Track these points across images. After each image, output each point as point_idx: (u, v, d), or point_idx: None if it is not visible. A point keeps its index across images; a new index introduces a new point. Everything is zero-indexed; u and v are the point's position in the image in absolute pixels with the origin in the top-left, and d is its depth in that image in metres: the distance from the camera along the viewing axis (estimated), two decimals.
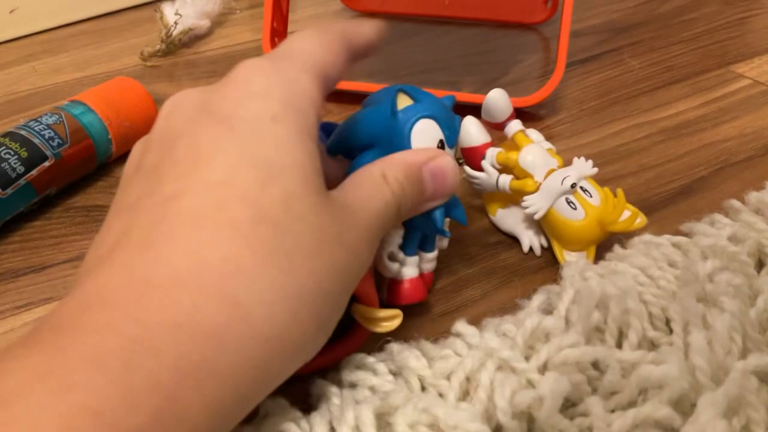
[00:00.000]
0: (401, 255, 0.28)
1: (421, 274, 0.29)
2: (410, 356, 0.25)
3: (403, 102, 0.27)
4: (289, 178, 0.21)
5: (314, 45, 0.24)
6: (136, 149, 0.25)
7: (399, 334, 0.29)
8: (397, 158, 0.25)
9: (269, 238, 0.20)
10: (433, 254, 0.29)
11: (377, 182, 0.24)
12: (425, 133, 0.27)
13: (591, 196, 0.30)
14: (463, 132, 0.35)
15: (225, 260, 0.19)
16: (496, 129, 0.35)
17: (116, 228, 0.21)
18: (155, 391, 0.17)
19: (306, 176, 0.21)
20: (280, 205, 0.20)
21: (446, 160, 0.26)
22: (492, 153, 0.33)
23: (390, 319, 0.26)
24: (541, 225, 0.33)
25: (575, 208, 0.30)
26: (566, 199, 0.30)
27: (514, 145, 0.34)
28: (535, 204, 0.31)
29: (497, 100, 0.34)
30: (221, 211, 0.20)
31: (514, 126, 0.34)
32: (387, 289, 0.29)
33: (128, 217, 0.21)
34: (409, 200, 0.25)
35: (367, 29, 0.27)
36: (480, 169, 0.34)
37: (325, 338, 0.22)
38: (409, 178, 0.25)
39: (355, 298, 0.26)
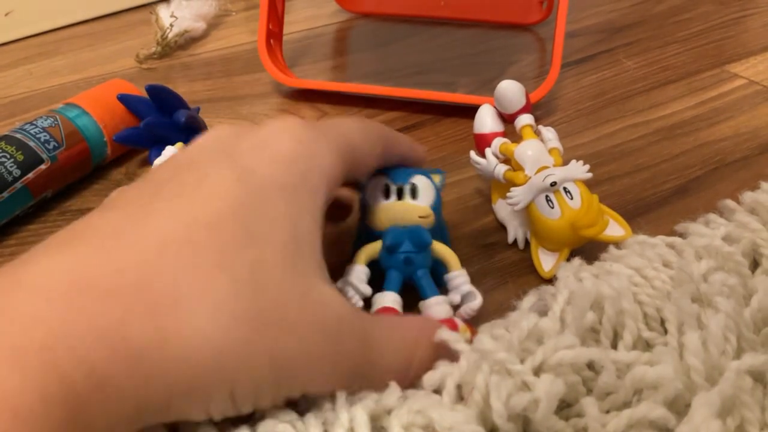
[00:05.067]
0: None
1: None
2: None
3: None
4: (266, 250, 0.21)
5: (355, 131, 0.26)
6: (166, 157, 0.26)
7: None
8: (429, 334, 0.25)
9: (222, 288, 0.20)
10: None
11: (409, 348, 0.24)
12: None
13: (572, 199, 0.31)
14: (477, 118, 0.36)
15: (169, 288, 0.19)
16: (508, 120, 0.35)
17: (96, 219, 0.21)
18: (69, 398, 0.17)
19: (285, 253, 0.21)
20: (248, 269, 0.20)
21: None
22: (498, 142, 0.34)
23: None
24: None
25: (553, 207, 0.31)
26: (546, 197, 0.31)
27: (521, 139, 0.34)
28: (517, 196, 0.31)
29: (506, 90, 0.34)
30: (195, 249, 0.20)
31: (523, 119, 0.34)
32: None
33: (110, 214, 0.22)
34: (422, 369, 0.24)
35: (406, 141, 0.30)
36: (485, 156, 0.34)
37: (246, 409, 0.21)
38: (430, 357, 0.24)
39: None
